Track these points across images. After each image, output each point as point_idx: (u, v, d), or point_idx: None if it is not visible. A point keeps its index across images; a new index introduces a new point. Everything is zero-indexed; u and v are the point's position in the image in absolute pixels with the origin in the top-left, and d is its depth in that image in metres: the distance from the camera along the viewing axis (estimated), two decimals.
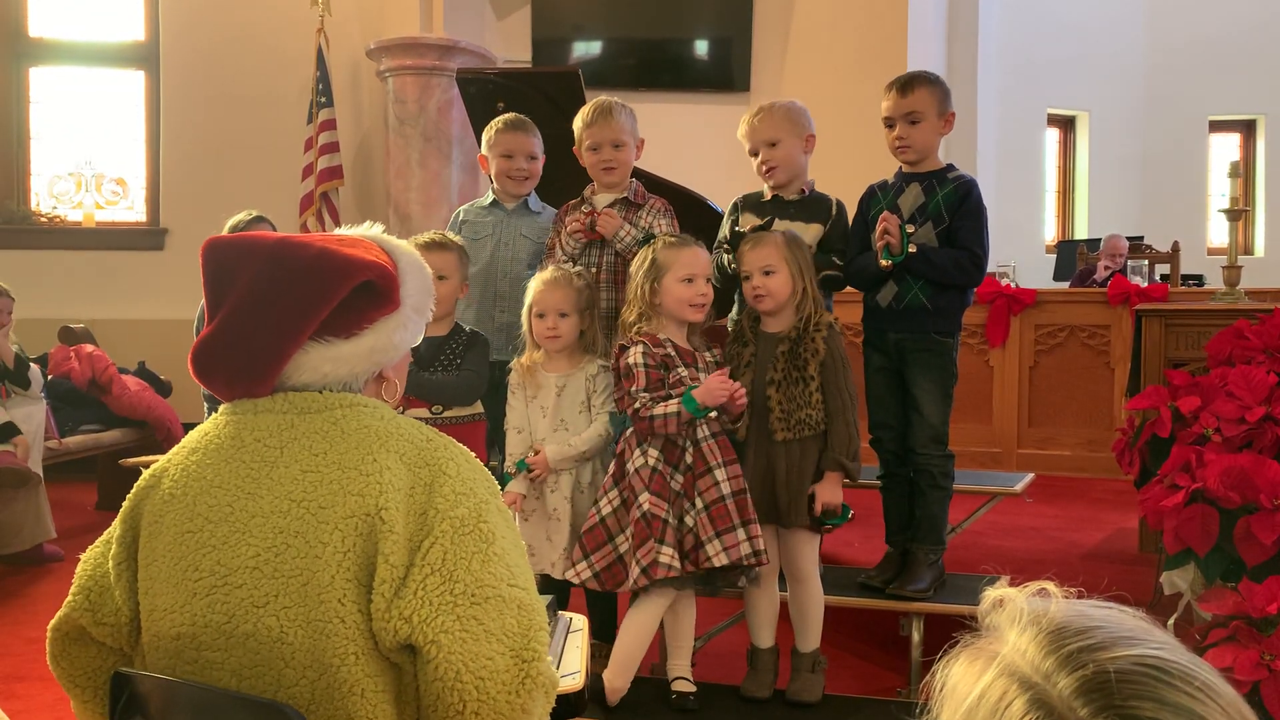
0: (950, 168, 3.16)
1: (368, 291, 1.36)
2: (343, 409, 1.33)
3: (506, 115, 3.51)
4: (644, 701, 2.87)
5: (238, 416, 1.35)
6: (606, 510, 2.82)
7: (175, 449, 1.39)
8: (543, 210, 3.51)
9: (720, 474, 2.78)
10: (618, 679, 2.81)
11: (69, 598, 1.39)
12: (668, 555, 2.69)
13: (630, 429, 2.84)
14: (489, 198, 3.52)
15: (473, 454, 1.37)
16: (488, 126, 3.49)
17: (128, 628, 1.35)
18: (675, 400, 2.74)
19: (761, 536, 2.78)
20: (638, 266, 2.91)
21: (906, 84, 3.09)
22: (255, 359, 1.32)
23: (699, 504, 2.76)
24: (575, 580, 2.82)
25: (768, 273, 2.86)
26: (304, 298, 1.32)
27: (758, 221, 3.07)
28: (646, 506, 2.71)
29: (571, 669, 1.73)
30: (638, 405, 2.76)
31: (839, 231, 3.12)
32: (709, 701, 2.89)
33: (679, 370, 2.82)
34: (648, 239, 2.98)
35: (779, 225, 3.07)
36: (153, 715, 1.24)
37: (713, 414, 2.78)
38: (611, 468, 2.87)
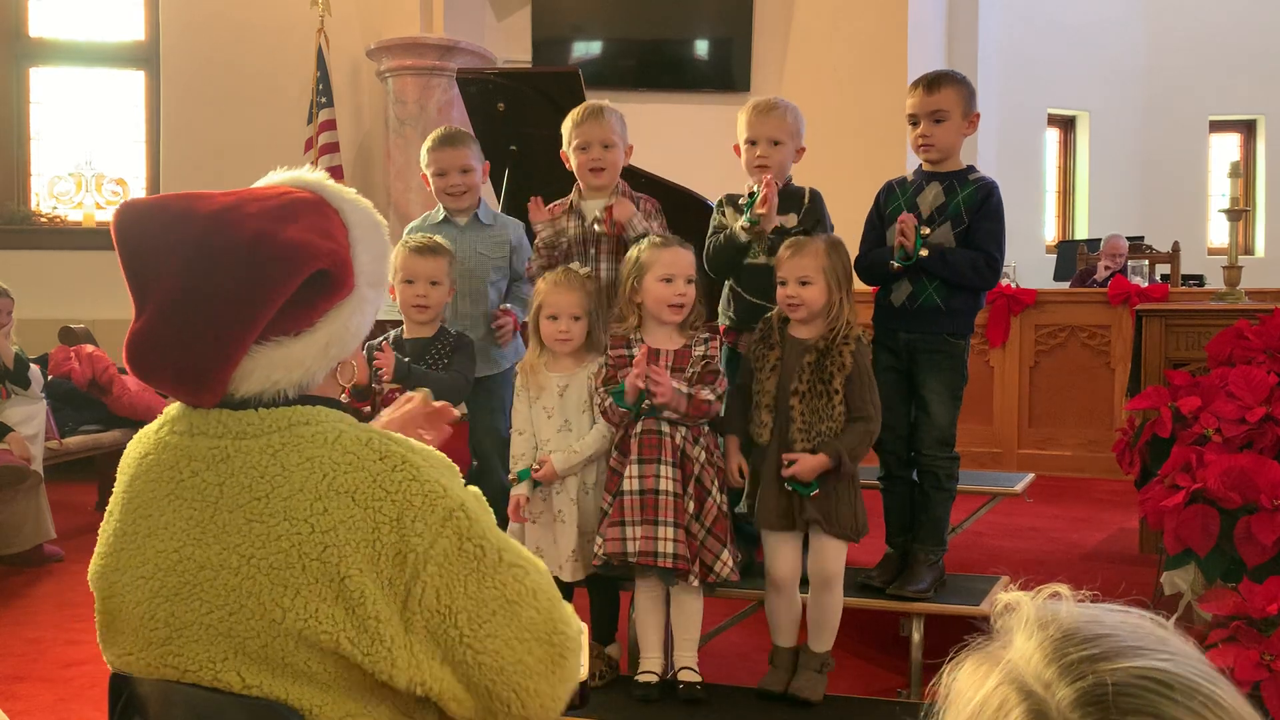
0: (971, 169, 3.15)
1: (318, 280, 1.19)
2: (280, 432, 1.18)
3: (437, 131, 3.48)
4: (661, 697, 2.87)
5: (175, 438, 1.22)
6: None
7: (122, 463, 1.28)
8: (494, 221, 3.48)
9: (631, 470, 2.81)
10: (647, 661, 2.91)
11: None
12: (596, 544, 2.86)
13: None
14: (440, 214, 3.46)
15: (430, 449, 1.24)
16: (424, 144, 3.46)
17: None
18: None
19: (673, 540, 2.76)
20: (625, 264, 2.93)
21: (933, 82, 3.08)
22: (198, 365, 1.16)
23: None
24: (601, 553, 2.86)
25: (804, 282, 2.84)
26: (245, 298, 1.14)
27: (739, 218, 3.08)
28: (604, 505, 2.89)
29: None
30: (598, 400, 2.93)
31: (811, 220, 3.10)
32: (711, 699, 2.90)
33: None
34: (640, 238, 2.99)
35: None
36: (152, 716, 1.24)
37: (648, 406, 2.81)
38: None
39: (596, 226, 3.13)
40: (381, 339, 3.13)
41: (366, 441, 1.19)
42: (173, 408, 1.27)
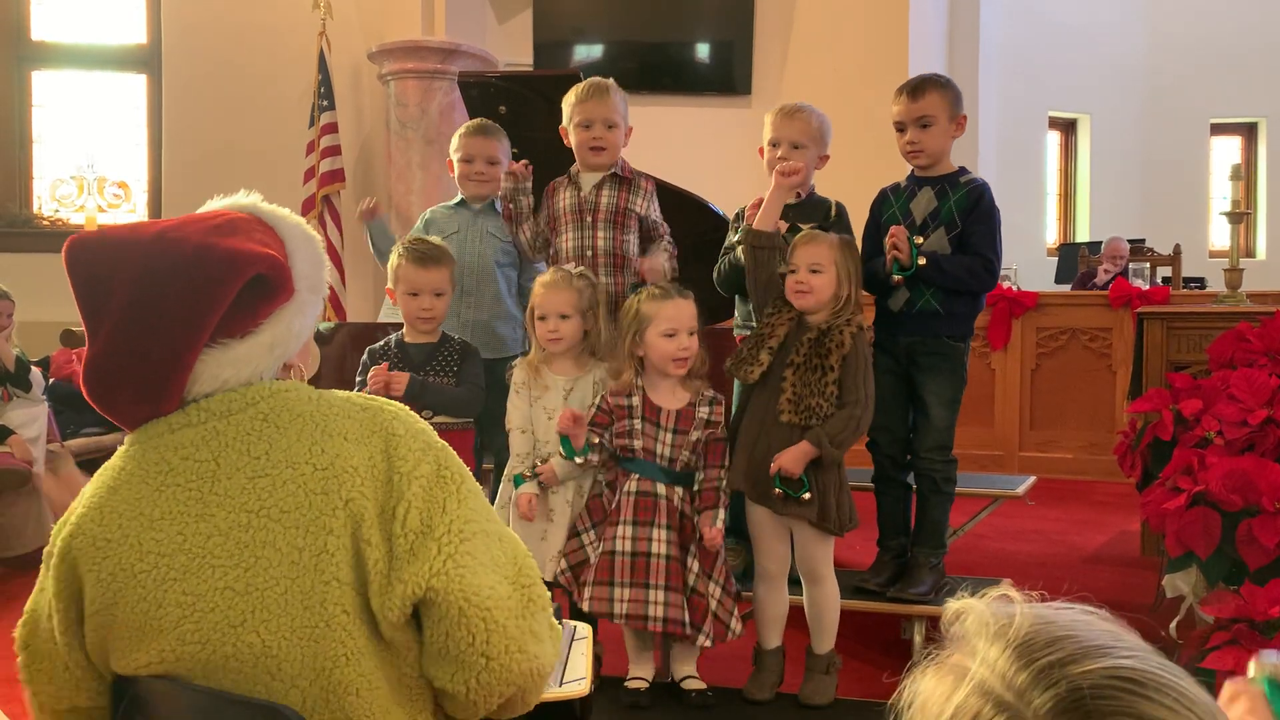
0: (963, 171, 3.15)
1: (258, 285, 1.26)
2: (265, 400, 1.26)
3: (472, 120, 3.60)
4: (653, 704, 2.87)
5: (154, 440, 1.25)
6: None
7: (89, 497, 1.27)
8: None
9: (624, 530, 2.80)
10: (637, 668, 2.91)
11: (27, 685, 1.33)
12: (559, 565, 2.87)
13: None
14: (457, 198, 3.60)
15: (408, 410, 1.33)
16: (457, 131, 3.57)
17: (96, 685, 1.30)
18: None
19: (665, 604, 2.75)
20: (624, 316, 2.91)
21: (917, 88, 3.07)
22: (156, 376, 1.22)
23: (599, 549, 2.84)
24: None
25: (815, 270, 2.85)
26: (192, 305, 1.22)
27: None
28: (579, 528, 2.90)
29: (578, 675, 1.72)
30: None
31: (841, 231, 3.11)
32: (712, 701, 2.89)
33: (631, 422, 2.85)
34: (635, 287, 2.98)
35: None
36: (153, 718, 1.24)
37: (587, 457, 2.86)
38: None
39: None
40: (383, 343, 3.12)
41: (347, 397, 1.31)
42: (130, 435, 1.29)
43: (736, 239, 3.08)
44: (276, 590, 1.18)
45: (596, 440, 2.85)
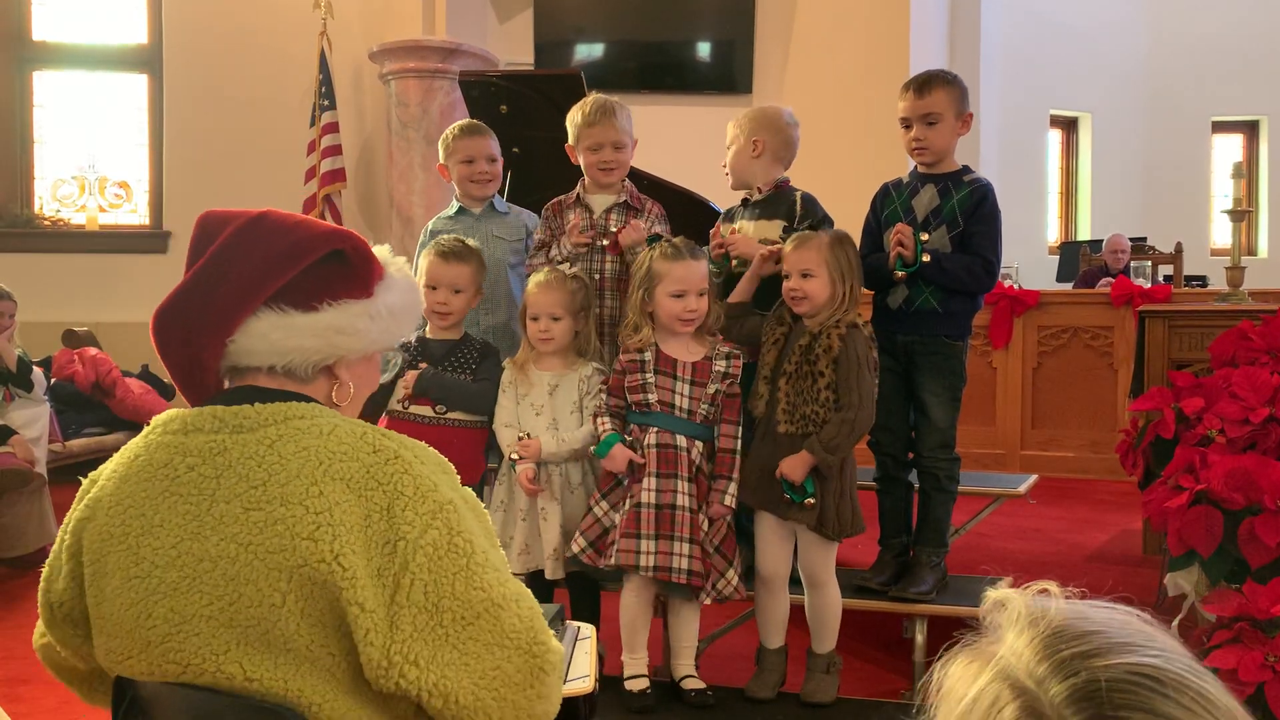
0: (966, 169, 3.13)
1: (338, 263, 1.29)
2: (276, 425, 1.22)
3: (460, 122, 3.54)
4: (656, 704, 2.87)
5: (167, 438, 1.25)
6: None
7: (107, 472, 1.29)
8: (509, 210, 3.52)
9: (648, 483, 2.81)
10: (634, 664, 2.91)
11: (38, 632, 1.38)
12: (577, 545, 2.88)
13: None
14: (454, 207, 3.50)
15: (421, 444, 1.28)
16: (442, 136, 3.50)
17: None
18: (607, 425, 2.89)
19: (689, 556, 2.78)
20: (636, 270, 2.93)
21: (924, 84, 3.05)
22: (210, 312, 1.24)
23: (626, 505, 2.84)
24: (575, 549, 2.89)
25: (806, 275, 2.85)
26: (270, 255, 1.25)
27: (734, 228, 3.12)
28: (591, 504, 2.92)
29: (581, 672, 1.72)
30: (594, 410, 2.97)
31: (814, 223, 3.08)
32: (712, 701, 2.89)
33: (644, 376, 2.87)
34: (652, 240, 2.99)
35: (740, 226, 3.13)
36: (154, 719, 1.24)
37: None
38: None
39: (603, 241, 3.16)
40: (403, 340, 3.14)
41: (361, 435, 1.24)
42: (161, 415, 1.30)
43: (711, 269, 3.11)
44: (259, 629, 1.16)
45: (618, 417, 2.90)
